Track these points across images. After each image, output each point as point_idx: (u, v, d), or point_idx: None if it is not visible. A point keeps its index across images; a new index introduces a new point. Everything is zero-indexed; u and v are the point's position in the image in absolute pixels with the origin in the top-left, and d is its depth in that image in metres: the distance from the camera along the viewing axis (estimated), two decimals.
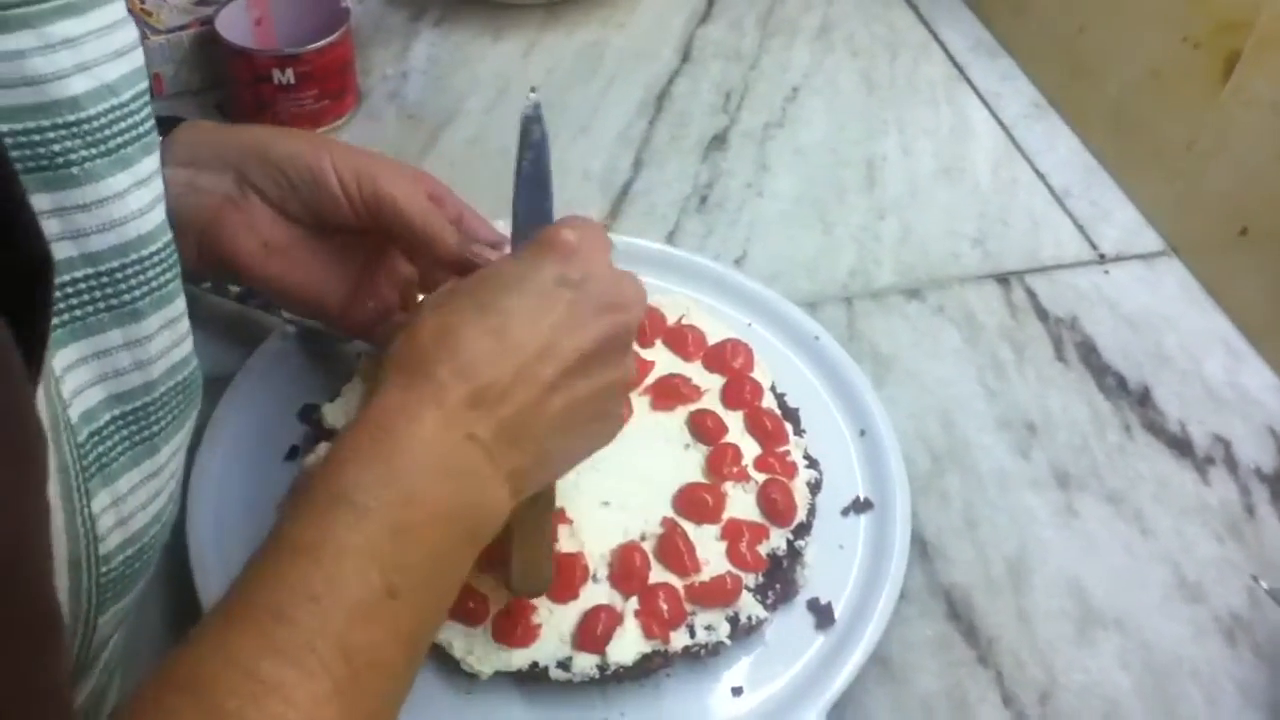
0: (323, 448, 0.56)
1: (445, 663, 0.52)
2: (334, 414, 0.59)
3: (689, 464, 0.60)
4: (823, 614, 0.56)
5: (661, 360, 0.64)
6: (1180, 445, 0.67)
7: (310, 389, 0.62)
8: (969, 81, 0.92)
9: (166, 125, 0.53)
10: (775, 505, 0.58)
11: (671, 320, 0.66)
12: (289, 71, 0.76)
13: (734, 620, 0.54)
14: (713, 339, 0.65)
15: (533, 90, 0.59)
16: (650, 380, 0.63)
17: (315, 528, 0.39)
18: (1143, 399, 0.69)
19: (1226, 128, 0.73)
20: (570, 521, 0.56)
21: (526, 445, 0.45)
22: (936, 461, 0.65)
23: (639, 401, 0.62)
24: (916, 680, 0.56)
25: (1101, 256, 0.79)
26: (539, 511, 0.50)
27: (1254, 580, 0.59)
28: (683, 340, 0.65)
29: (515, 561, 0.50)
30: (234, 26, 0.78)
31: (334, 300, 0.58)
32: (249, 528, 0.54)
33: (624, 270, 0.49)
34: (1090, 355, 0.72)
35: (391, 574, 0.39)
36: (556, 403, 0.45)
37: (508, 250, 0.56)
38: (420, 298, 0.58)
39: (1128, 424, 0.68)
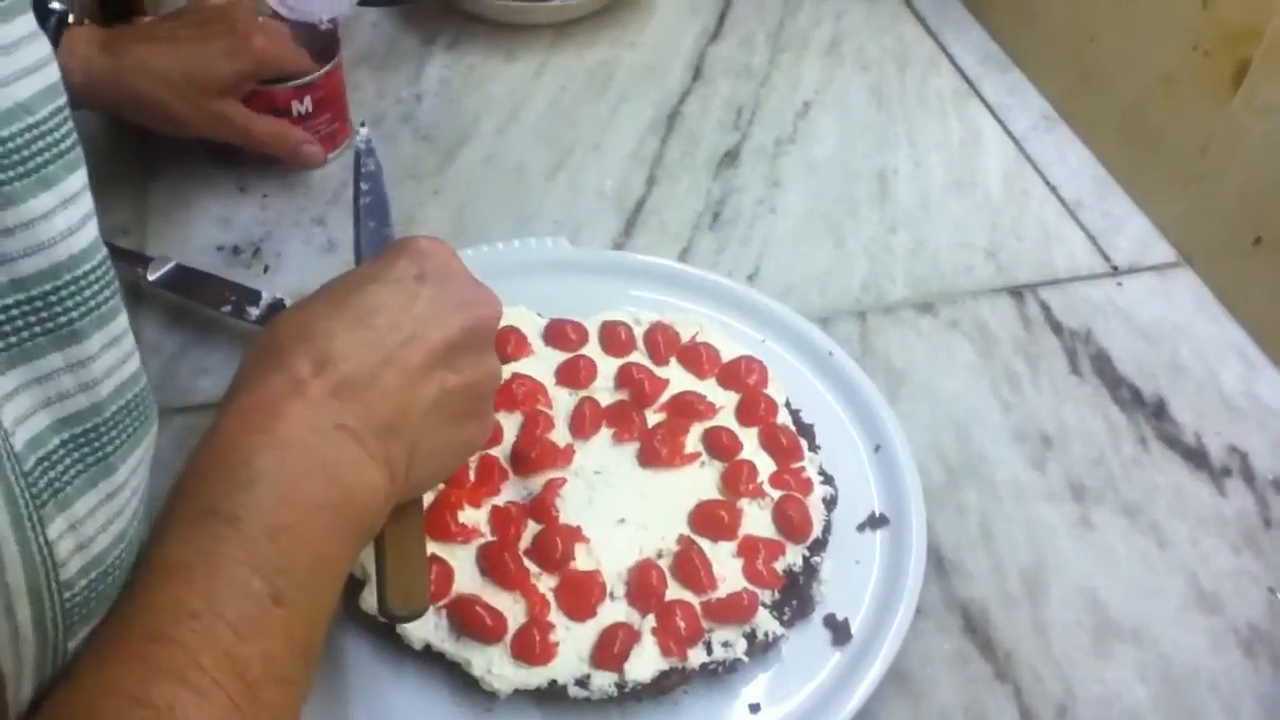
0: None
1: (463, 681, 0.53)
2: None
3: (704, 481, 0.60)
4: (840, 630, 0.56)
5: (676, 378, 0.64)
6: (1196, 457, 0.67)
7: None
8: (979, 94, 0.93)
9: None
10: (791, 521, 0.58)
11: (685, 338, 0.66)
12: (307, 100, 0.77)
13: (751, 637, 0.54)
14: (727, 356, 0.66)
15: (362, 125, 0.62)
16: (665, 398, 0.63)
17: (185, 545, 0.38)
18: (1158, 411, 0.69)
19: (1237, 137, 0.73)
20: (587, 540, 0.56)
21: (400, 433, 0.44)
22: (952, 475, 0.65)
23: (654, 419, 0.62)
24: (934, 695, 0.56)
25: (1114, 268, 0.79)
26: (407, 527, 0.48)
27: (1271, 592, 0.59)
28: (697, 358, 0.65)
29: (388, 581, 0.47)
30: None
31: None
32: None
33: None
34: (1105, 367, 0.72)
35: (275, 578, 0.38)
36: (427, 392, 0.45)
37: None
38: None
39: (1143, 436, 0.68)
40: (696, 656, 0.53)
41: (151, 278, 0.71)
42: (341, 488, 0.42)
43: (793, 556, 0.57)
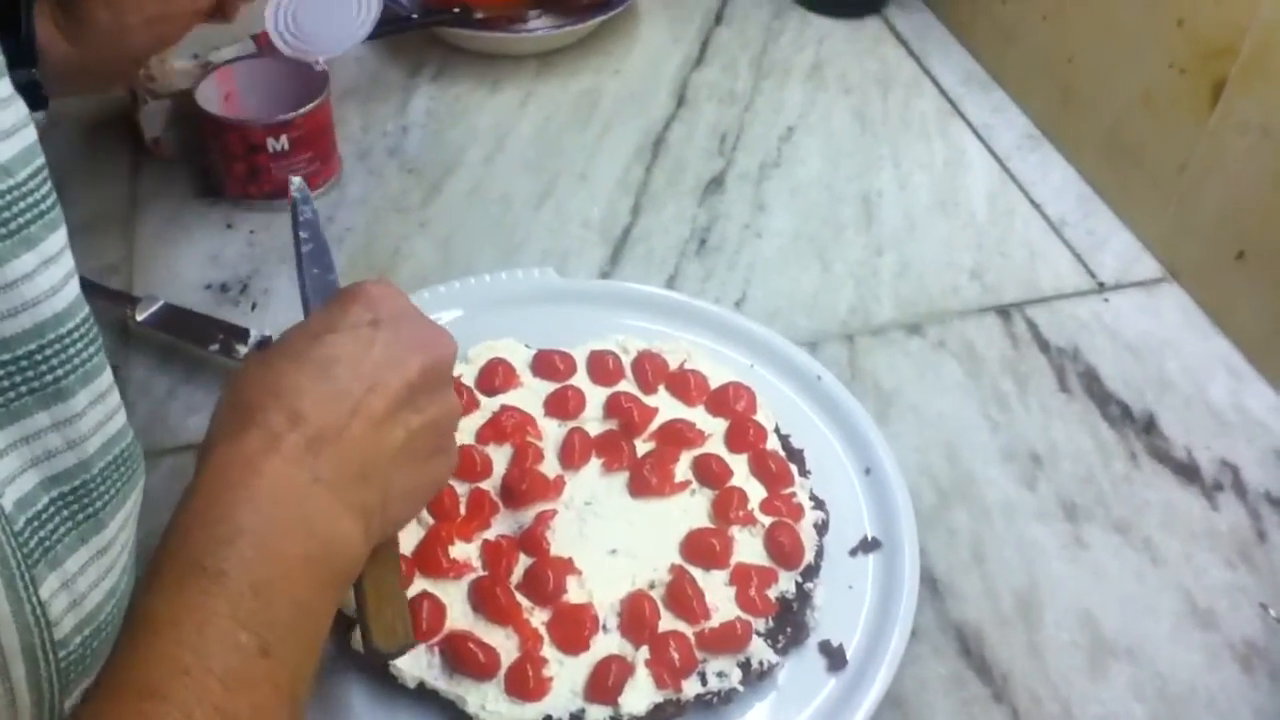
0: None
1: (457, 718, 0.52)
2: None
3: (695, 509, 0.60)
4: (834, 656, 0.56)
5: (665, 406, 0.64)
6: (1187, 472, 0.67)
7: None
8: (961, 115, 0.93)
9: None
10: (783, 548, 0.58)
11: (673, 365, 0.66)
12: (283, 138, 0.77)
13: (745, 666, 0.54)
14: (715, 383, 0.66)
15: (294, 175, 0.62)
16: (654, 426, 0.63)
17: (173, 601, 0.38)
18: (1148, 427, 0.69)
19: (1217, 153, 0.74)
20: (579, 572, 0.56)
21: (372, 481, 0.45)
22: (943, 497, 0.65)
23: (643, 447, 0.62)
24: (931, 719, 0.55)
25: (1100, 285, 0.79)
26: (384, 566, 0.49)
27: (1263, 609, 0.59)
28: (685, 385, 0.65)
29: (370, 621, 0.48)
30: (208, 102, 0.79)
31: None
32: None
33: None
34: (1093, 384, 0.72)
35: (261, 632, 0.38)
36: (394, 436, 0.46)
37: None
38: None
39: (1133, 452, 0.68)
40: (691, 687, 0.53)
41: (140, 318, 0.71)
42: (320, 540, 0.42)
43: (785, 583, 0.57)
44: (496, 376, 0.65)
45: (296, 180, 0.56)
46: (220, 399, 0.46)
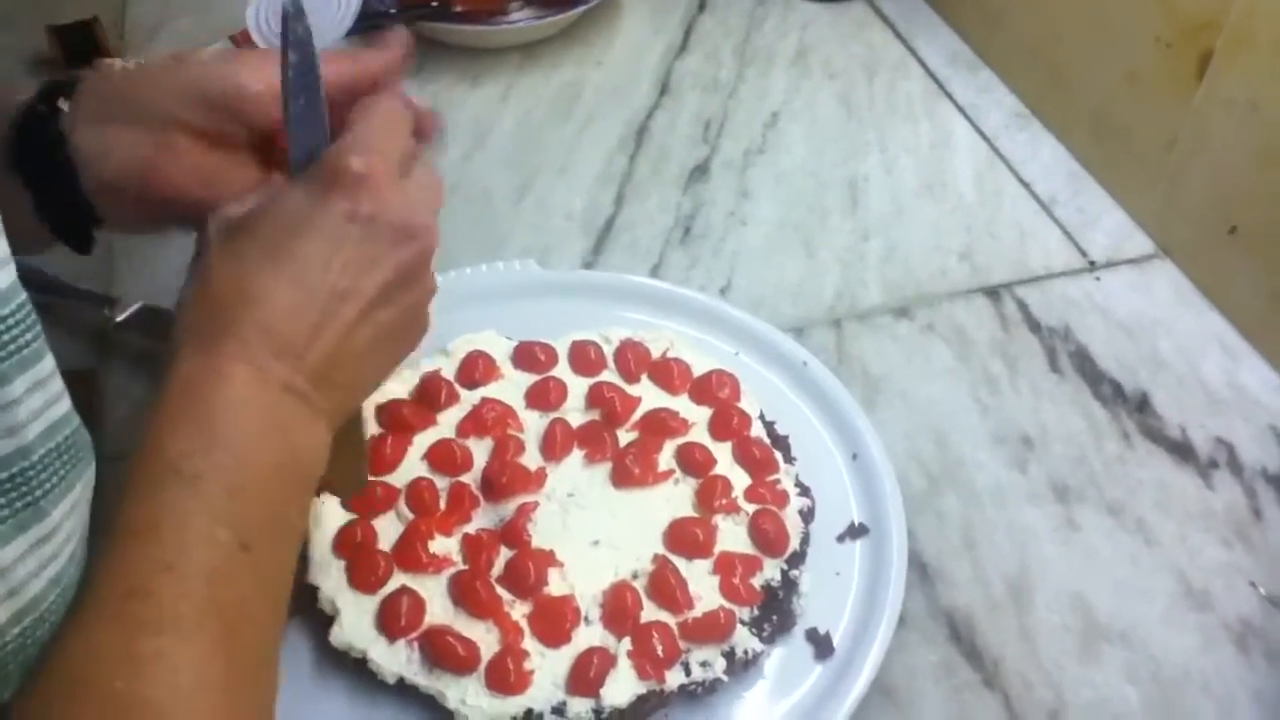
0: None
1: (439, 714, 0.52)
2: None
3: (679, 499, 0.59)
4: (821, 644, 0.55)
5: (648, 395, 0.64)
6: (1182, 451, 0.66)
7: None
8: (949, 95, 0.92)
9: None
10: (767, 535, 0.57)
11: (656, 354, 0.66)
12: None
13: (730, 655, 0.53)
14: (698, 371, 0.65)
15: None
16: (637, 416, 0.62)
17: (150, 505, 0.39)
18: (1141, 405, 0.68)
19: (1205, 127, 0.73)
20: (560, 564, 0.56)
21: (340, 380, 0.46)
22: (932, 482, 0.64)
23: (626, 437, 0.61)
24: (921, 707, 0.55)
25: (1092, 263, 0.78)
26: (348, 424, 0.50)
27: (1254, 587, 0.58)
28: (668, 374, 0.64)
29: (330, 464, 0.48)
30: None
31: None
32: None
33: (415, 191, 0.48)
34: (1085, 364, 0.71)
35: (239, 529, 0.39)
36: (364, 334, 0.46)
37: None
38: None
39: (1126, 432, 0.67)
40: (675, 678, 0.52)
41: (118, 319, 0.70)
42: (291, 447, 0.44)
43: (770, 571, 0.56)
44: (477, 369, 0.64)
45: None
46: (189, 287, 0.45)
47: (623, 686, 0.51)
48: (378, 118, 0.49)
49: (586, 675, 0.51)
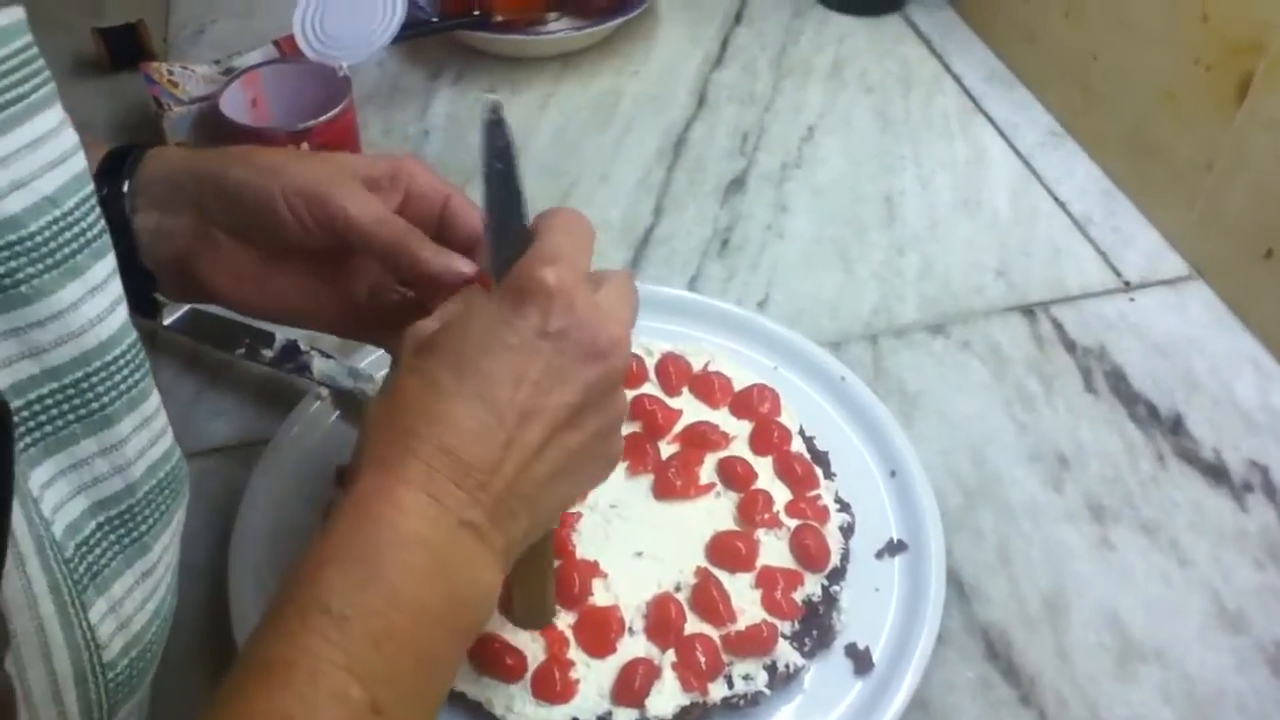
0: None
1: None
2: None
3: (720, 512, 0.60)
4: (861, 659, 0.56)
5: (688, 408, 0.64)
6: (1216, 472, 0.67)
7: (345, 451, 0.62)
8: (984, 112, 0.93)
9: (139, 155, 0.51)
10: (808, 551, 0.58)
11: (697, 367, 0.66)
12: (305, 145, 0.78)
13: (772, 669, 0.54)
14: (739, 384, 0.66)
15: (489, 91, 0.53)
16: (678, 429, 0.63)
17: (287, 642, 0.37)
18: (1175, 427, 0.69)
19: (1243, 149, 0.73)
20: (605, 575, 0.56)
21: (520, 513, 0.43)
22: (968, 498, 0.65)
23: (667, 450, 0.62)
24: None
25: (1126, 284, 0.79)
26: (536, 545, 0.48)
27: None
28: (709, 387, 0.65)
29: (517, 596, 0.48)
30: (233, 108, 0.79)
31: (327, 314, 0.54)
32: None
33: (608, 305, 0.45)
34: (1120, 384, 0.71)
35: (375, 687, 0.36)
36: (548, 461, 0.43)
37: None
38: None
39: (1161, 453, 0.68)
40: (718, 690, 0.53)
41: (166, 322, 0.71)
42: (458, 590, 0.41)
43: (811, 586, 0.57)
44: None
45: (491, 98, 0.49)
46: (375, 405, 0.43)
47: (667, 698, 0.52)
48: (562, 227, 0.46)
49: (632, 686, 0.52)
